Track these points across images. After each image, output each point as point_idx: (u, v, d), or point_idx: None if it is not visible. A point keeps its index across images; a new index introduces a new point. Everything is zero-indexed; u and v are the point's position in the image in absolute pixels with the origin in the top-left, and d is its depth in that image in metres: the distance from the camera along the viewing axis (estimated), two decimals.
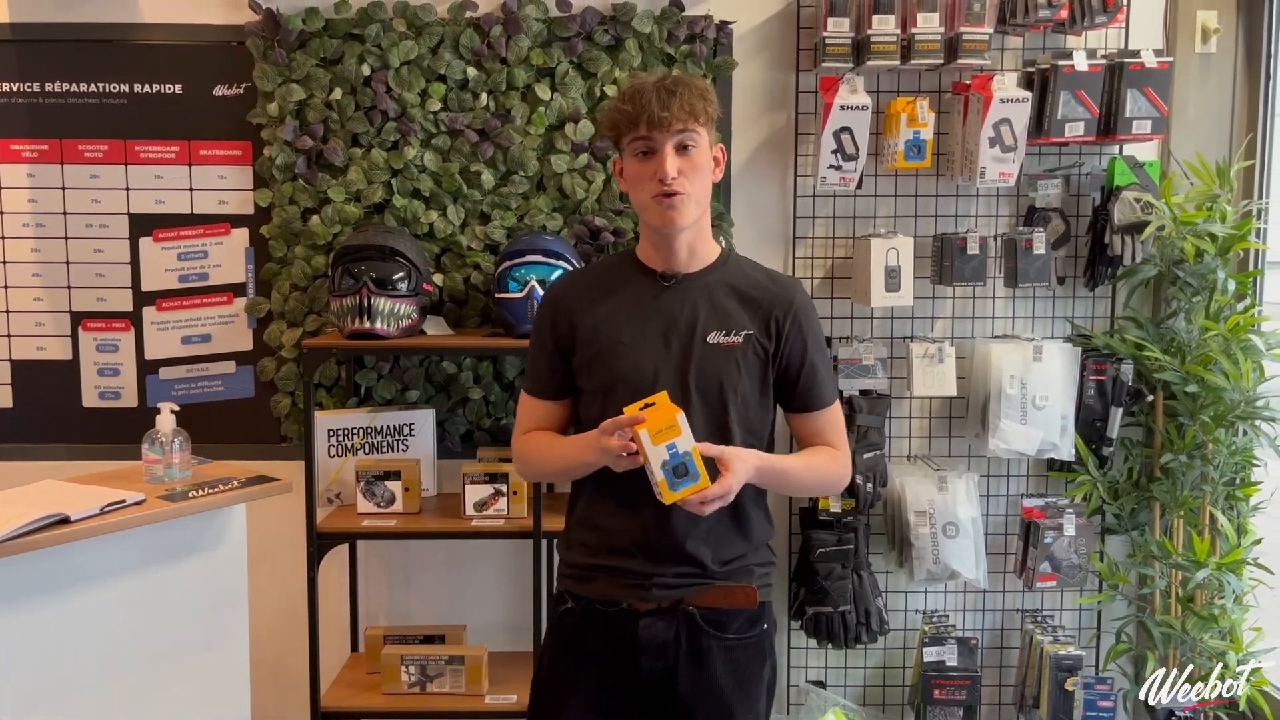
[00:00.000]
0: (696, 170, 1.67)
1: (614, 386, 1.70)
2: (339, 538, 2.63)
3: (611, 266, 1.82)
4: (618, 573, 1.73)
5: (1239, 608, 2.64)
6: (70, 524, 1.92)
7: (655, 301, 1.73)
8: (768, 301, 1.74)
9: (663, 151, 1.64)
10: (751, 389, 1.72)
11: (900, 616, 2.91)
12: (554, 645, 1.82)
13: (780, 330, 1.73)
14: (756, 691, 1.77)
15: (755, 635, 1.77)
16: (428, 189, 2.76)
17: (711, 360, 1.70)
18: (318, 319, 2.80)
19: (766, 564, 1.80)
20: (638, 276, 1.76)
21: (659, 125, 1.63)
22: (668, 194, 1.65)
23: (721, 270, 1.76)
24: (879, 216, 2.82)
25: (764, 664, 1.78)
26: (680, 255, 1.73)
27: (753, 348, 1.72)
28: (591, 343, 1.73)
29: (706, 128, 1.67)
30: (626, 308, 1.74)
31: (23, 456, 2.82)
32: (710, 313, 1.72)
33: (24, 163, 2.79)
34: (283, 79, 2.72)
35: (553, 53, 2.74)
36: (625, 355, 1.71)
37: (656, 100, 1.63)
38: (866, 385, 2.72)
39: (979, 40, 2.54)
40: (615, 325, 1.73)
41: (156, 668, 2.10)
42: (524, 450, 1.82)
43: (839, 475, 1.80)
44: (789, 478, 1.77)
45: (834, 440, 1.80)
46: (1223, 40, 2.80)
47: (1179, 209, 2.63)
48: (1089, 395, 2.75)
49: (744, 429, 1.72)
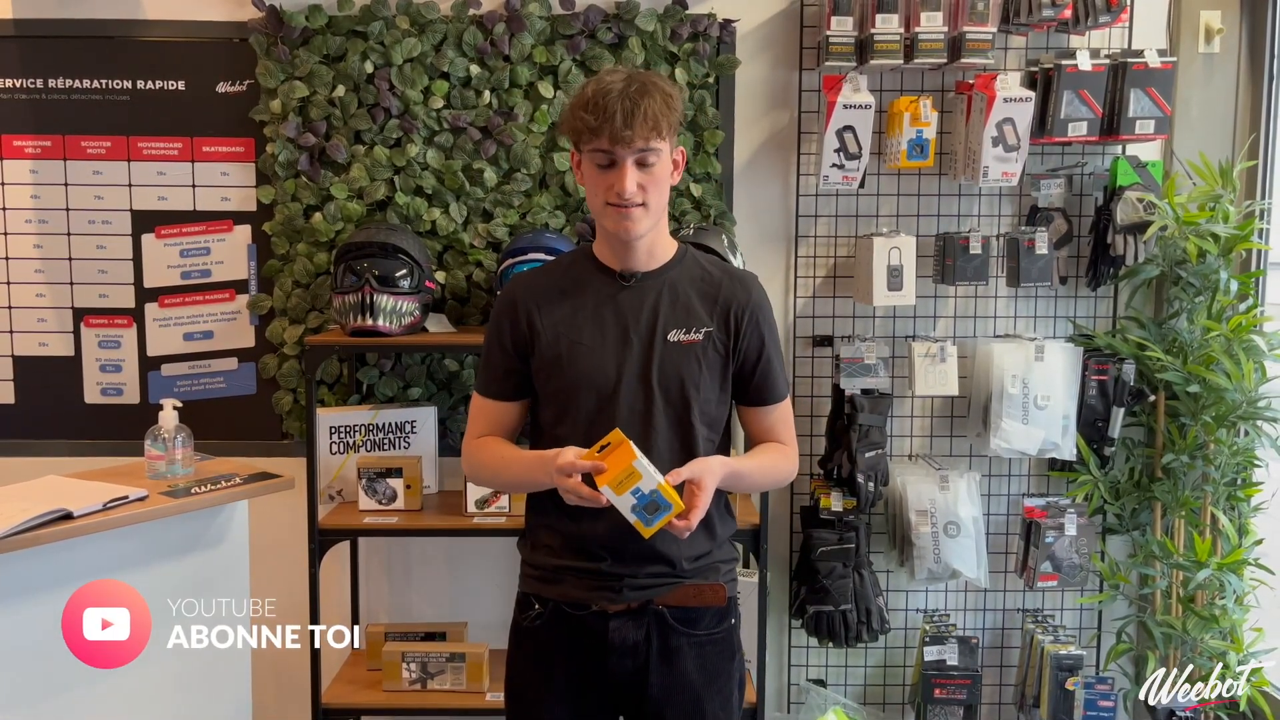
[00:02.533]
0: (655, 183, 1.64)
1: (575, 389, 1.69)
2: (340, 535, 2.63)
3: (568, 265, 1.79)
4: (586, 574, 1.72)
5: (1240, 608, 2.64)
6: (73, 520, 1.92)
7: (614, 301, 1.72)
8: (725, 297, 1.73)
9: (623, 167, 1.62)
10: (712, 385, 1.72)
11: (901, 615, 2.91)
12: (524, 652, 1.80)
13: (739, 325, 1.72)
14: (727, 687, 1.78)
15: (724, 630, 1.78)
16: (430, 186, 2.76)
17: (672, 358, 1.69)
18: (320, 316, 2.80)
19: (730, 560, 1.82)
20: (596, 275, 1.74)
21: (621, 141, 1.59)
22: (624, 206, 1.64)
23: (679, 267, 1.75)
24: (881, 216, 2.82)
25: (733, 658, 1.80)
26: (639, 255, 1.72)
27: (713, 344, 1.71)
28: (551, 345, 1.71)
29: (669, 138, 1.64)
30: (585, 308, 1.72)
31: (25, 452, 2.82)
32: (670, 311, 1.71)
33: (27, 159, 2.79)
34: (285, 76, 2.72)
35: (555, 50, 2.73)
36: (585, 357, 1.69)
37: (620, 116, 1.57)
38: (868, 384, 2.72)
39: (982, 39, 2.54)
40: (574, 326, 1.71)
41: (158, 663, 2.10)
42: (477, 456, 1.78)
43: (789, 471, 1.83)
44: (749, 479, 1.79)
45: (784, 436, 1.81)
46: (1226, 40, 2.79)
47: (1181, 209, 2.63)
48: (1091, 395, 2.75)
49: (705, 425, 1.72)
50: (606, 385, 1.68)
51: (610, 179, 1.63)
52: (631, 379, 1.68)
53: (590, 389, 1.67)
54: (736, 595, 1.83)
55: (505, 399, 1.77)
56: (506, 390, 1.77)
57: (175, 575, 2.13)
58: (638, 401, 1.68)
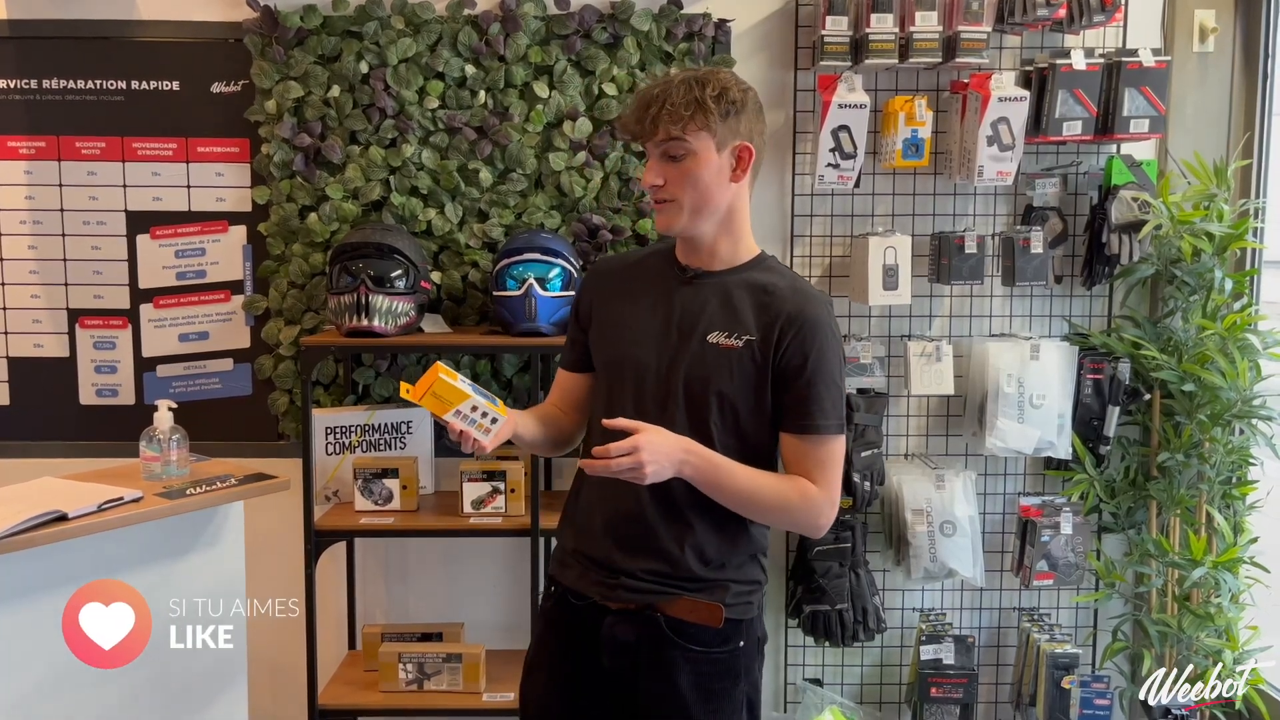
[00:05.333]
0: (686, 177, 1.63)
1: (610, 369, 1.74)
2: (336, 535, 2.63)
3: (649, 254, 1.83)
4: (590, 564, 1.73)
5: (1235, 606, 2.64)
6: (68, 521, 1.91)
7: (671, 294, 1.73)
8: (778, 309, 1.65)
9: (650, 159, 1.67)
10: (743, 395, 1.65)
11: (897, 615, 2.91)
12: (537, 631, 1.87)
13: (782, 337, 1.64)
14: (727, 709, 1.70)
15: (727, 652, 1.70)
16: (426, 187, 2.76)
17: (705, 359, 1.66)
18: (315, 317, 2.80)
19: (750, 583, 1.72)
20: (665, 268, 1.76)
21: (638, 134, 1.65)
22: (657, 200, 1.67)
23: (747, 273, 1.71)
24: (877, 215, 2.82)
25: (737, 682, 1.71)
26: (701, 253, 1.72)
27: (751, 353, 1.65)
28: (603, 323, 1.77)
29: (704, 131, 1.61)
30: (645, 295, 1.75)
31: (20, 454, 2.82)
32: (718, 312, 1.68)
33: (21, 159, 2.78)
34: (281, 76, 2.72)
35: (551, 50, 2.73)
36: (627, 340, 1.72)
37: (645, 106, 1.63)
38: (864, 384, 2.72)
39: (977, 39, 2.55)
40: (628, 310, 1.75)
41: (155, 664, 2.09)
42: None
43: (807, 513, 1.65)
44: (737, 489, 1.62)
45: (817, 476, 1.64)
46: (1220, 39, 2.80)
47: (1176, 208, 2.64)
48: (1086, 394, 2.75)
49: (732, 435, 1.66)
50: (638, 371, 1.70)
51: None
52: (660, 370, 1.68)
53: (622, 371, 1.71)
54: (752, 619, 1.73)
55: (570, 369, 1.85)
56: (571, 359, 1.85)
57: (171, 576, 2.13)
58: (659, 393, 1.68)
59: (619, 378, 1.72)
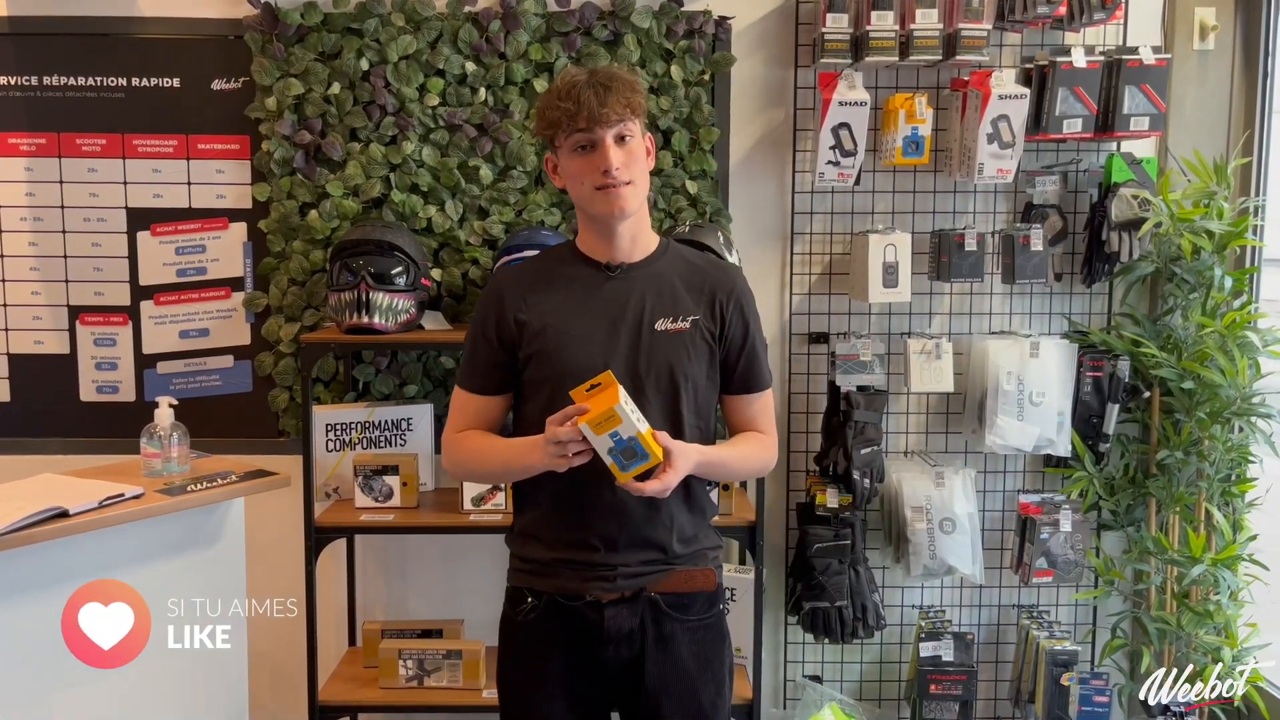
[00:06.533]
0: (635, 159, 1.70)
1: (562, 379, 1.69)
2: (337, 532, 2.63)
3: (553, 259, 1.82)
4: (580, 565, 1.74)
5: (1234, 604, 2.65)
6: (69, 518, 1.92)
7: (601, 291, 1.74)
8: (711, 286, 1.77)
9: (604, 144, 1.67)
10: (700, 373, 1.75)
11: (897, 612, 2.92)
12: (516, 646, 1.81)
13: (724, 313, 1.76)
14: (720, 674, 1.81)
15: (714, 616, 1.81)
16: (426, 184, 2.76)
17: (660, 347, 1.72)
18: (316, 314, 2.80)
19: (716, 547, 1.85)
20: (581, 267, 1.77)
21: (599, 120, 1.65)
22: (613, 184, 1.68)
23: (664, 259, 1.78)
24: (877, 213, 2.82)
25: (724, 643, 1.83)
26: (623, 245, 1.75)
27: (700, 332, 1.74)
28: (539, 337, 1.73)
29: (639, 118, 1.71)
30: (572, 299, 1.74)
31: (21, 450, 2.82)
32: (657, 300, 1.74)
33: (21, 156, 2.79)
34: (281, 73, 2.72)
35: (551, 48, 2.73)
36: (574, 347, 1.71)
37: (595, 97, 1.65)
38: (864, 381, 2.72)
39: (977, 37, 2.55)
40: (562, 317, 1.73)
41: (156, 661, 2.10)
42: (458, 448, 1.81)
43: (768, 460, 1.87)
44: (726, 467, 1.82)
45: (765, 426, 1.84)
46: (1220, 37, 2.80)
47: (1176, 206, 2.64)
48: (1086, 392, 2.75)
49: (694, 414, 1.75)
50: (594, 375, 1.67)
51: (594, 160, 1.68)
52: (620, 368, 1.69)
53: (579, 379, 1.67)
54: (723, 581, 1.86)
55: (489, 393, 1.80)
56: (491, 384, 1.79)
57: (171, 573, 2.13)
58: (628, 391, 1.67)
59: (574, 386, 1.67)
